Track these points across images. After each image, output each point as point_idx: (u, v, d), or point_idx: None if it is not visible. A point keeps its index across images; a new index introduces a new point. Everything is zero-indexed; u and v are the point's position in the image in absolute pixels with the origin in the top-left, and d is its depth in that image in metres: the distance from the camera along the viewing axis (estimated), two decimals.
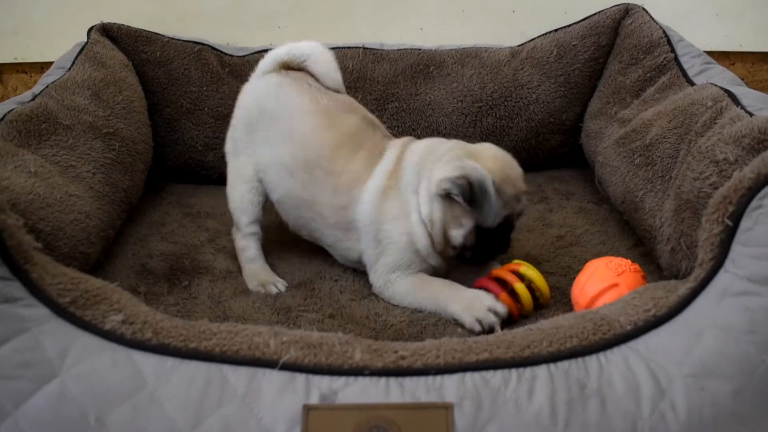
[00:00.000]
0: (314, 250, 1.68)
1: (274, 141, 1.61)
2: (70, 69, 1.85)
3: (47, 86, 1.72)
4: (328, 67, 1.68)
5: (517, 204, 1.48)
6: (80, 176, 1.55)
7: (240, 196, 1.66)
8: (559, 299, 1.49)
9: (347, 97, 1.71)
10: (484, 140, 2.12)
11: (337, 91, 1.68)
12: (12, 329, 0.98)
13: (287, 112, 1.61)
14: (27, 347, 0.97)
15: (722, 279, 1.04)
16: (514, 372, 0.97)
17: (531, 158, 2.18)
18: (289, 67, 1.69)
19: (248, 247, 1.64)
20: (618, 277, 1.34)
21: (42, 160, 1.46)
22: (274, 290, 1.54)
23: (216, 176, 2.15)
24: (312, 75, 1.68)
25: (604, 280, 1.35)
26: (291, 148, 1.58)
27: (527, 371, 0.97)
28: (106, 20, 2.13)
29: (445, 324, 1.39)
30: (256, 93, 1.68)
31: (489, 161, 1.45)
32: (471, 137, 2.14)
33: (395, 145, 1.57)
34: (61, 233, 1.32)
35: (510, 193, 1.44)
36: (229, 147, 1.74)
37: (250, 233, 1.65)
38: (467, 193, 1.39)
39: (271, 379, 0.95)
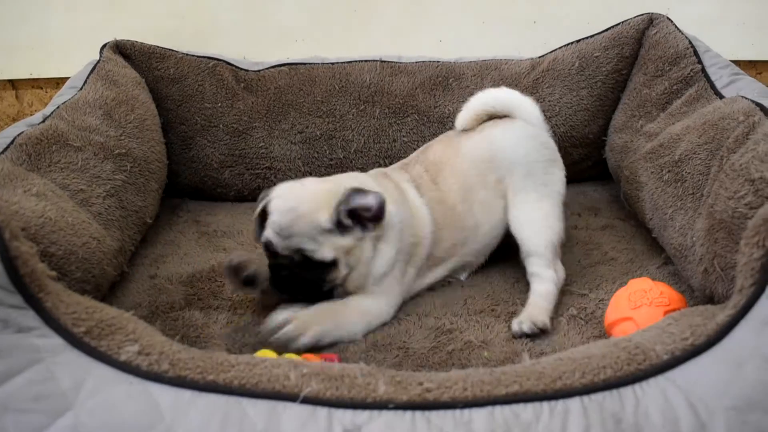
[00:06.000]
0: None
1: None
2: (81, 88, 1.83)
3: (58, 107, 1.70)
4: None
5: (278, 239, 1.39)
6: (89, 201, 1.52)
7: None
8: (588, 320, 1.44)
9: None
10: None
11: None
12: (25, 360, 0.96)
13: None
14: (40, 379, 0.95)
15: (764, 306, 0.98)
16: (545, 405, 0.93)
17: None
18: None
19: None
20: (633, 311, 1.31)
21: (52, 185, 1.44)
22: None
23: (232, 194, 2.14)
24: None
25: (619, 312, 1.34)
26: None
27: (559, 404, 0.93)
28: (122, 35, 2.11)
29: (471, 349, 1.35)
30: None
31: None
32: None
33: None
34: (73, 257, 1.30)
35: (272, 218, 1.40)
36: None
37: None
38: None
39: (292, 413, 0.92)
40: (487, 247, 1.65)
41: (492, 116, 1.70)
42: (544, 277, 1.53)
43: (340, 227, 1.38)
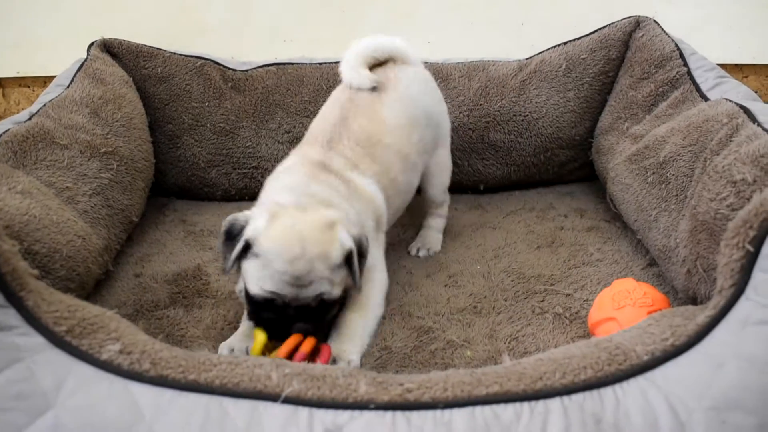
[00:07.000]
0: None
1: None
2: (68, 86, 1.83)
3: (44, 105, 1.69)
4: None
5: (294, 290, 1.25)
6: (75, 199, 1.52)
7: None
8: (573, 320, 1.45)
9: None
10: (493, 155, 2.11)
11: None
12: (6, 359, 0.95)
13: None
14: (21, 378, 0.94)
15: (743, 307, 0.99)
16: (526, 405, 0.93)
17: (540, 173, 2.15)
18: None
19: None
20: (617, 311, 1.32)
21: (37, 182, 1.44)
22: None
23: (219, 193, 2.13)
24: None
25: (603, 312, 1.35)
26: None
27: (540, 405, 0.93)
28: (109, 34, 2.10)
29: (453, 348, 1.35)
30: None
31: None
32: (479, 152, 2.11)
33: None
34: (57, 255, 1.29)
35: (279, 268, 1.24)
36: None
37: None
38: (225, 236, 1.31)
39: (273, 413, 0.92)
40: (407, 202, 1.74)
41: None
42: (440, 214, 1.84)
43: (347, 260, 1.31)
